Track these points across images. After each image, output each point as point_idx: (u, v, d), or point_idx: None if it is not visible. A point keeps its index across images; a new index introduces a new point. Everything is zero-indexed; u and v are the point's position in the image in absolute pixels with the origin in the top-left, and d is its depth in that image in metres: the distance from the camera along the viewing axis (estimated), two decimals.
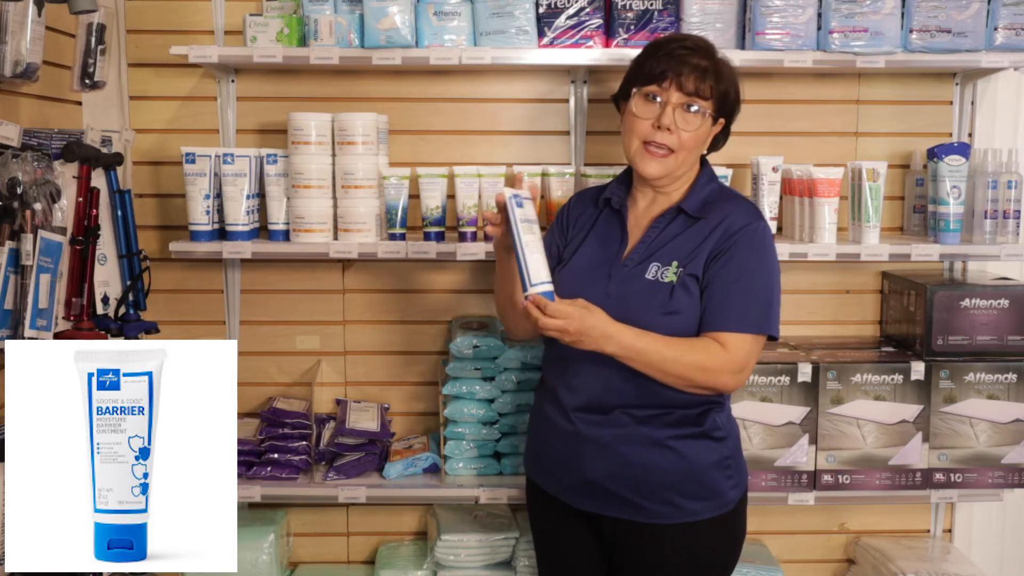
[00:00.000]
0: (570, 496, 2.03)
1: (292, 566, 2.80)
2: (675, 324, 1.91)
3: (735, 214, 1.95)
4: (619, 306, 1.91)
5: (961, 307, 2.51)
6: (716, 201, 1.99)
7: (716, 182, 2.05)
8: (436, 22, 2.46)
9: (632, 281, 1.95)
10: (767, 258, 1.94)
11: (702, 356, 1.88)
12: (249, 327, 2.76)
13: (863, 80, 2.71)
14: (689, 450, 1.94)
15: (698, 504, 1.94)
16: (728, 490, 1.97)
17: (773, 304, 1.94)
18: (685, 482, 1.93)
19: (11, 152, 2.02)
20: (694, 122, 1.94)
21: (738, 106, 2.03)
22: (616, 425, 1.94)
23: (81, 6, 2.06)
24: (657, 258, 1.95)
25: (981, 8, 2.43)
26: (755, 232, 1.93)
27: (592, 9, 2.47)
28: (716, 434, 1.96)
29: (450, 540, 2.58)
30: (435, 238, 2.51)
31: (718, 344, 1.88)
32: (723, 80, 1.97)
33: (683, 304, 1.91)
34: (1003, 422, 2.50)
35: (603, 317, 1.85)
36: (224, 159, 2.45)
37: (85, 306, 2.27)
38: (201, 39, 2.64)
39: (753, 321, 1.90)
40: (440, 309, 2.76)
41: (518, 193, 1.90)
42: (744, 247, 1.91)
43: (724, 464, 1.96)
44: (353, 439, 2.57)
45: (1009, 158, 2.54)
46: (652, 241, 1.98)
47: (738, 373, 1.90)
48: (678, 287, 1.91)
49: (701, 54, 1.95)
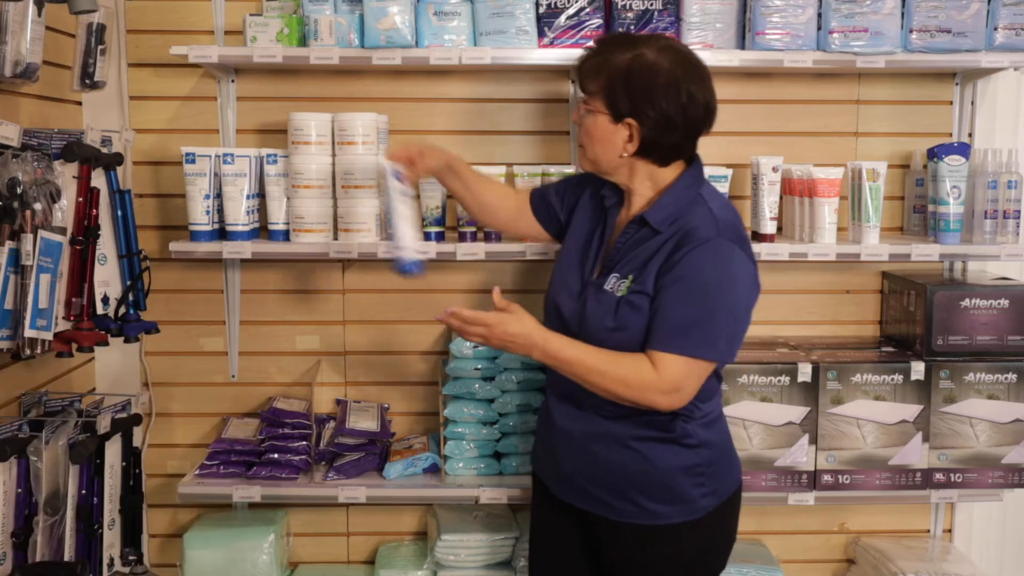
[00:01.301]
0: (556, 487, 2.06)
1: (292, 566, 2.80)
2: (620, 339, 1.87)
3: (693, 228, 1.85)
4: (580, 316, 1.93)
5: (961, 307, 2.51)
6: (683, 214, 1.89)
7: (693, 190, 1.93)
8: (436, 22, 2.46)
9: (592, 291, 1.94)
10: (715, 278, 1.82)
11: (627, 371, 1.83)
12: (249, 327, 2.76)
13: (863, 80, 2.71)
14: (653, 453, 1.91)
15: (663, 507, 1.92)
16: (698, 498, 1.93)
17: (712, 328, 1.82)
18: (647, 484, 1.92)
19: (11, 152, 2.02)
20: (587, 118, 1.94)
21: (648, 104, 1.85)
22: (587, 420, 1.95)
23: (81, 6, 2.06)
24: (619, 269, 1.92)
25: (981, 8, 2.43)
26: (705, 249, 1.82)
27: (592, 9, 2.47)
28: (687, 441, 1.92)
29: (450, 540, 2.58)
30: (435, 238, 2.51)
31: (649, 362, 1.83)
32: (610, 76, 1.87)
33: (628, 320, 1.87)
34: (1003, 422, 2.50)
35: (530, 325, 1.87)
36: (224, 159, 2.45)
37: (85, 306, 2.27)
38: (201, 39, 2.64)
39: (683, 344, 1.81)
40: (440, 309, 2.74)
41: (398, 169, 2.11)
42: (690, 263, 1.82)
43: (694, 471, 1.92)
44: (353, 439, 2.57)
45: (1009, 158, 2.54)
46: (619, 251, 1.95)
47: (669, 394, 1.83)
48: (623, 303, 1.87)
49: (596, 51, 1.94)
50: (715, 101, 1.94)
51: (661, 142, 1.90)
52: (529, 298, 2.62)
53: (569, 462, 2.00)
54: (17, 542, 2.10)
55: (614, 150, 1.92)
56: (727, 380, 2.44)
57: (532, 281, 2.73)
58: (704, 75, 1.92)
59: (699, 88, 1.89)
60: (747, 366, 2.45)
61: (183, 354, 2.76)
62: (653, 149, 1.91)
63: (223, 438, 2.59)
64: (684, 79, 1.87)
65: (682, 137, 1.91)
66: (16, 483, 2.10)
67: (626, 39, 1.94)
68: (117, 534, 2.47)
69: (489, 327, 1.86)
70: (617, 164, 1.94)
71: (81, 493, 2.28)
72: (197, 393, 2.78)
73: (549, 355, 1.87)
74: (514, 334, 1.86)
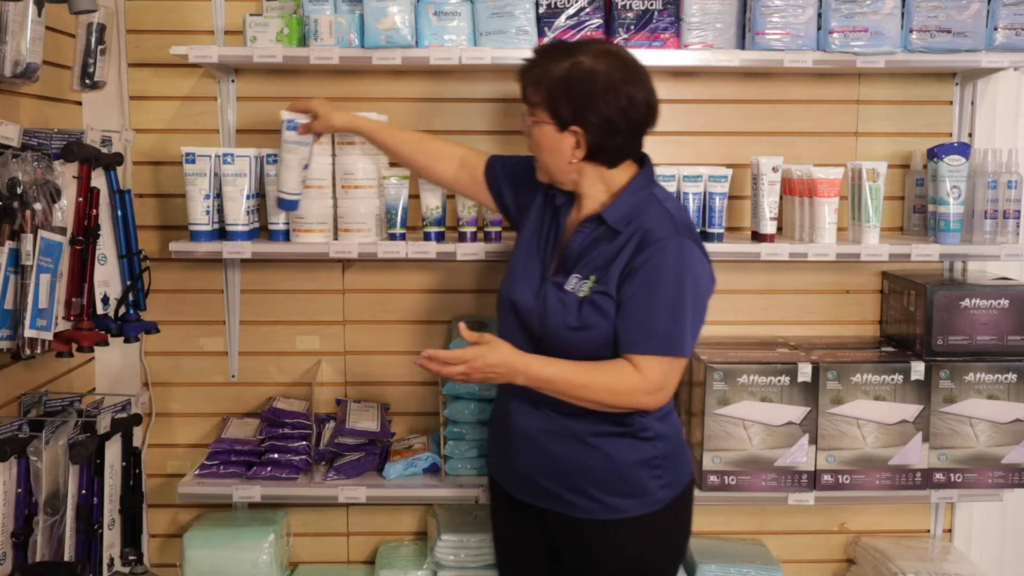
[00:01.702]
0: (513, 488, 2.07)
1: (292, 566, 2.80)
2: (583, 340, 1.90)
3: (652, 228, 1.89)
4: (540, 316, 1.95)
5: (961, 307, 2.51)
6: (640, 214, 1.92)
7: (647, 191, 1.97)
8: (436, 22, 2.46)
9: (553, 290, 1.96)
10: (680, 276, 1.86)
11: (613, 379, 1.87)
12: (249, 327, 2.76)
13: (863, 80, 2.71)
14: (611, 448, 1.94)
15: (623, 501, 1.94)
16: (656, 490, 1.96)
17: (682, 324, 1.87)
18: (607, 479, 1.94)
19: (11, 152, 2.02)
20: (533, 129, 1.96)
21: (589, 110, 1.88)
22: (545, 419, 1.97)
23: (81, 6, 2.06)
24: (580, 269, 1.94)
25: (981, 8, 2.43)
26: (667, 248, 1.86)
27: (592, 9, 2.47)
28: (643, 435, 1.95)
29: (450, 540, 2.58)
30: (435, 238, 2.51)
31: (631, 366, 1.87)
32: (551, 86, 1.90)
33: (591, 320, 1.89)
34: (1003, 422, 2.50)
35: (507, 352, 1.89)
36: (224, 159, 2.45)
37: (85, 306, 2.27)
38: (201, 39, 2.64)
39: (660, 343, 1.86)
40: (440, 309, 2.76)
41: (293, 118, 2.33)
42: (655, 264, 1.86)
43: (652, 464, 1.96)
44: (353, 439, 2.57)
45: (1009, 158, 2.54)
46: (576, 250, 1.97)
47: (654, 393, 1.88)
48: (586, 303, 1.90)
49: (535, 62, 1.96)
50: (656, 100, 1.97)
51: (607, 146, 1.93)
52: None
53: (528, 462, 2.01)
54: (17, 542, 2.10)
55: (563, 157, 1.95)
56: (727, 380, 2.44)
57: None
58: (642, 76, 1.94)
59: (637, 89, 1.91)
60: (747, 366, 2.45)
61: (183, 354, 2.77)
62: (600, 153, 1.94)
63: (223, 438, 2.59)
64: (622, 83, 1.90)
65: (626, 139, 1.94)
66: (16, 483, 2.10)
67: (563, 47, 1.96)
68: (117, 534, 2.47)
69: (467, 362, 1.87)
70: (567, 170, 1.98)
71: (81, 493, 2.28)
72: (197, 393, 2.78)
73: (532, 377, 1.89)
74: (493, 364, 1.87)
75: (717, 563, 2.60)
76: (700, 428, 2.48)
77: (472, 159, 2.30)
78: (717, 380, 2.45)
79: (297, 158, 2.36)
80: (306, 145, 2.37)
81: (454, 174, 2.31)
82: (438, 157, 2.32)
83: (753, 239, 2.55)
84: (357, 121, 2.34)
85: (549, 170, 2.00)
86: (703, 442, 2.47)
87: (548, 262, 2.02)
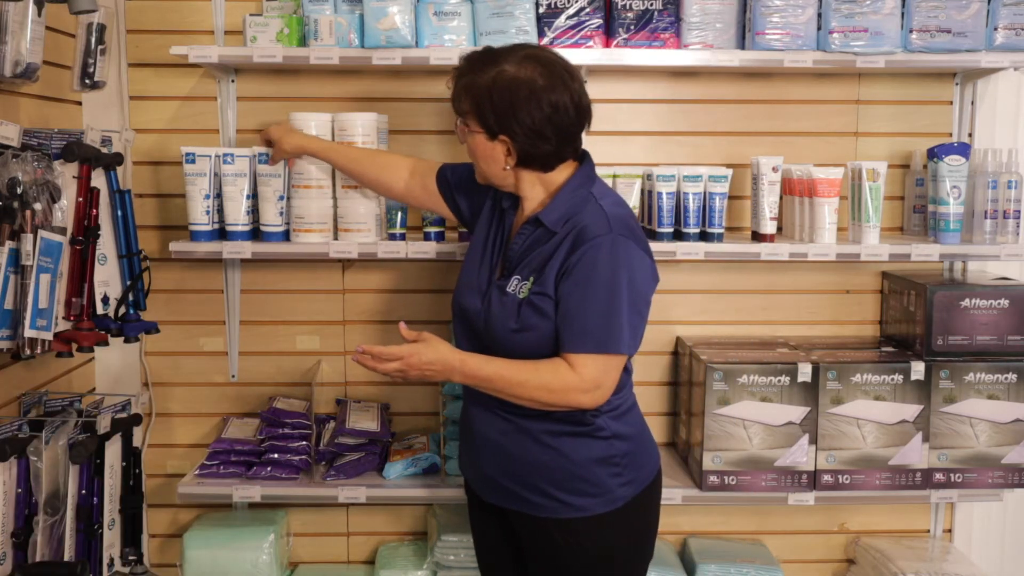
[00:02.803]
0: (479, 489, 2.08)
1: (292, 566, 2.80)
2: (524, 341, 1.90)
3: (585, 226, 1.87)
4: (485, 319, 1.95)
5: (961, 307, 2.51)
6: (576, 212, 1.91)
7: (584, 189, 1.94)
8: (436, 22, 2.46)
9: (496, 293, 1.96)
10: (613, 273, 1.84)
11: (548, 377, 1.86)
12: (249, 327, 2.76)
13: (863, 80, 2.71)
14: (567, 447, 1.93)
15: (582, 500, 1.94)
16: (616, 487, 1.95)
17: (617, 321, 1.85)
18: (564, 478, 1.94)
19: (11, 152, 2.02)
20: (468, 137, 1.96)
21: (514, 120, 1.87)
22: (502, 420, 1.97)
23: (81, 6, 2.06)
24: (520, 271, 1.94)
25: (981, 8, 2.43)
26: (600, 246, 1.84)
27: (592, 9, 2.47)
28: (599, 434, 1.94)
29: (450, 540, 2.58)
30: (435, 238, 2.51)
31: (567, 364, 1.86)
32: (477, 95, 1.89)
33: (530, 322, 1.89)
34: (1003, 422, 2.50)
35: (443, 350, 1.88)
36: (224, 159, 2.45)
37: (85, 306, 2.27)
38: (201, 39, 2.64)
39: (594, 341, 1.85)
40: (440, 309, 2.76)
41: (263, 152, 2.43)
42: (588, 262, 1.84)
43: (610, 462, 1.95)
44: (353, 439, 2.57)
45: (1009, 158, 2.54)
46: (517, 252, 1.97)
47: (591, 392, 1.86)
48: (525, 304, 1.90)
49: (462, 71, 1.95)
50: (585, 100, 1.94)
51: (536, 153, 1.92)
52: None
53: (489, 463, 2.01)
54: (17, 542, 2.10)
55: (497, 164, 1.95)
56: (727, 380, 2.44)
57: None
58: (566, 79, 1.90)
59: (562, 94, 1.89)
60: (747, 366, 2.45)
61: (183, 354, 2.77)
62: (531, 160, 1.93)
63: (223, 438, 2.59)
64: (544, 90, 1.87)
65: (556, 144, 1.92)
66: (16, 483, 2.10)
67: (489, 55, 1.94)
68: (117, 534, 2.47)
69: (403, 359, 1.87)
70: (503, 176, 1.98)
71: (81, 493, 2.28)
72: (197, 393, 2.78)
73: (468, 376, 1.89)
74: (429, 362, 1.87)
75: (717, 563, 2.60)
76: (700, 428, 2.48)
77: (422, 168, 2.30)
78: (717, 380, 2.45)
79: (271, 190, 2.43)
80: (278, 177, 2.44)
81: (405, 185, 2.31)
82: (387, 169, 2.32)
83: (753, 239, 2.55)
84: (306, 143, 2.37)
85: (487, 176, 2.00)
86: (703, 442, 2.47)
87: (495, 266, 2.02)
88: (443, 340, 1.91)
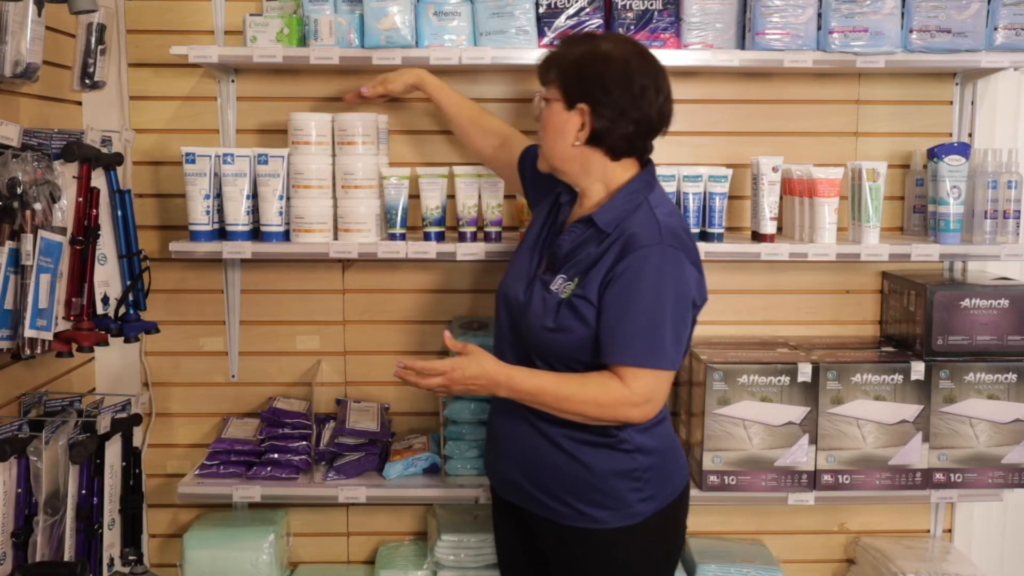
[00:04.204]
0: (500, 488, 2.07)
1: (292, 566, 2.80)
2: (555, 342, 1.87)
3: (635, 234, 1.84)
4: (524, 312, 1.93)
5: (961, 307, 2.51)
6: (628, 217, 1.88)
7: (641, 195, 1.92)
8: (436, 22, 2.46)
9: (539, 286, 1.94)
10: (660, 285, 1.81)
11: (597, 392, 1.83)
12: (249, 327, 2.76)
13: (863, 80, 2.71)
14: (588, 457, 1.90)
15: (599, 512, 1.91)
16: (635, 503, 1.91)
17: (661, 334, 1.82)
18: (582, 488, 1.91)
19: (11, 152, 2.02)
20: (544, 109, 1.95)
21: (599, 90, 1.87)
22: (526, 423, 1.94)
23: (81, 6, 2.06)
24: (567, 270, 1.91)
25: (981, 8, 2.43)
26: (647, 257, 1.81)
27: (592, 9, 2.47)
28: (623, 447, 1.91)
29: (450, 540, 2.58)
30: (435, 238, 2.51)
31: (616, 378, 1.83)
32: (565, 64, 1.91)
33: (567, 323, 1.86)
34: (1003, 422, 2.50)
35: (489, 364, 1.85)
36: (224, 159, 2.45)
37: (85, 306, 2.27)
38: (201, 39, 2.64)
39: (642, 355, 1.82)
40: (439, 309, 2.76)
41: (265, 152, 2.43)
42: (634, 272, 1.81)
43: (631, 476, 1.91)
44: (353, 439, 2.57)
45: (1009, 158, 2.54)
46: (564, 250, 1.94)
47: (641, 406, 1.84)
48: (565, 306, 1.87)
49: (557, 47, 1.98)
50: (670, 102, 1.94)
51: (613, 131, 1.89)
52: None
53: (510, 464, 2.00)
54: (17, 542, 2.10)
55: (567, 139, 1.92)
56: (727, 380, 2.44)
57: None
58: (659, 73, 1.92)
59: (652, 82, 1.89)
60: (747, 366, 2.45)
61: (183, 354, 2.77)
62: (604, 138, 1.90)
63: (223, 438, 2.59)
64: (638, 71, 1.88)
65: (635, 130, 1.90)
66: (16, 483, 2.10)
67: (587, 35, 1.99)
68: (117, 534, 2.47)
69: (445, 374, 1.84)
70: (570, 156, 1.94)
71: (81, 493, 2.28)
72: (197, 393, 2.78)
73: (514, 390, 1.86)
74: (473, 376, 1.85)
75: (717, 563, 2.60)
76: (700, 428, 2.48)
77: (513, 142, 2.34)
78: (717, 380, 2.44)
79: (271, 190, 2.43)
80: (277, 176, 2.43)
81: (493, 151, 2.37)
82: (483, 131, 2.39)
83: (753, 239, 2.55)
84: (424, 76, 2.42)
85: (551, 155, 1.96)
86: (703, 442, 2.47)
87: (541, 259, 2.00)
88: (488, 353, 1.88)
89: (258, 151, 2.46)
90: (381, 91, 2.44)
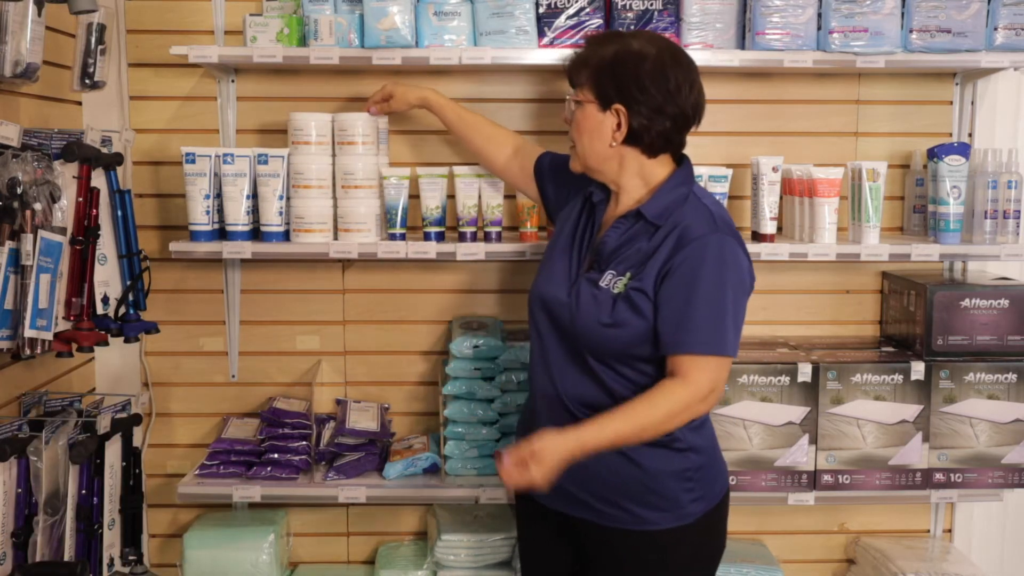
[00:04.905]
0: (542, 496, 2.02)
1: (292, 566, 2.80)
2: (615, 337, 1.86)
3: (689, 225, 1.85)
4: (572, 312, 1.92)
5: (961, 307, 2.51)
6: (676, 209, 1.89)
7: (686, 187, 1.93)
8: (436, 22, 2.46)
9: (585, 285, 1.92)
10: (721, 274, 1.82)
11: (666, 406, 1.81)
12: (249, 327, 2.76)
13: (863, 80, 2.71)
14: (643, 458, 1.89)
15: (654, 513, 1.90)
16: (688, 503, 1.91)
17: (725, 322, 1.83)
18: (638, 490, 1.90)
19: (11, 152, 2.02)
20: (576, 112, 1.95)
21: (636, 89, 1.86)
22: (572, 425, 1.89)
23: (81, 6, 2.06)
24: (615, 266, 1.90)
25: (981, 8, 2.43)
26: (707, 246, 1.82)
27: (592, 9, 2.47)
28: (676, 446, 1.90)
29: (450, 540, 2.58)
30: (435, 238, 2.51)
31: (677, 380, 1.82)
32: (597, 65, 1.90)
33: (624, 317, 1.85)
34: (1003, 422, 2.50)
35: (551, 439, 1.79)
36: (224, 159, 2.45)
37: (85, 306, 2.27)
38: (201, 39, 2.64)
39: (708, 343, 1.81)
40: (440, 309, 2.76)
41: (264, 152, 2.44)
42: (693, 262, 1.82)
43: (684, 476, 1.90)
44: (353, 439, 2.57)
45: (1009, 158, 2.54)
46: (611, 246, 1.93)
47: (707, 398, 1.84)
48: (621, 300, 1.86)
49: (584, 47, 1.97)
50: (703, 94, 1.96)
51: (650, 128, 1.89)
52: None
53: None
54: (17, 542, 2.10)
55: (603, 140, 1.92)
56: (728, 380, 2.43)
57: (531, 281, 2.72)
58: (691, 66, 1.93)
59: (685, 77, 1.90)
60: (747, 366, 2.45)
61: (183, 354, 2.77)
62: (642, 136, 1.90)
63: (223, 438, 2.59)
64: (671, 67, 1.89)
65: (672, 126, 1.90)
66: (16, 483, 2.10)
67: (614, 34, 1.98)
68: (117, 534, 2.47)
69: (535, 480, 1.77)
70: (607, 156, 1.94)
71: (81, 493, 2.28)
72: (197, 393, 2.78)
73: (588, 449, 1.81)
74: (546, 456, 1.77)
75: None
76: None
77: (526, 150, 2.34)
78: None
79: (271, 190, 2.43)
80: (277, 177, 2.44)
81: (505, 161, 2.36)
82: (493, 142, 2.38)
83: (753, 239, 2.55)
84: (429, 95, 2.43)
85: (586, 156, 1.96)
86: None
87: (582, 259, 1.98)
88: (542, 435, 1.80)
89: (258, 151, 2.46)
90: (387, 110, 2.46)
